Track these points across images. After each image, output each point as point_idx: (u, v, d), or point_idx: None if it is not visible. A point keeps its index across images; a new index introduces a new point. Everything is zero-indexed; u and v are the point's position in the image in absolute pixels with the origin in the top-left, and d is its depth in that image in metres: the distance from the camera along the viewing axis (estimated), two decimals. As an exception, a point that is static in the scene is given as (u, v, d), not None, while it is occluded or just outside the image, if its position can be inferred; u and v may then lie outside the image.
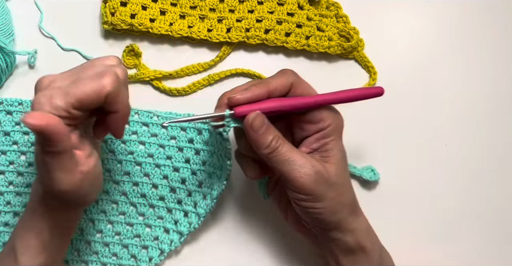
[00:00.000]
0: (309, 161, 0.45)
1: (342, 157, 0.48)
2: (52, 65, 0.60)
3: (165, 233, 0.56)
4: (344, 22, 0.61)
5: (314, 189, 0.45)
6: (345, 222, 0.47)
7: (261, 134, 0.45)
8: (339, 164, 0.47)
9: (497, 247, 0.58)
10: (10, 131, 0.57)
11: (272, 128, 0.46)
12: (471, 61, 0.62)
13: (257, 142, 0.46)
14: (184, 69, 0.60)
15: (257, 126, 0.45)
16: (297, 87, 0.47)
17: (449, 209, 0.58)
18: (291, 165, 0.45)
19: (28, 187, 0.56)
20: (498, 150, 0.60)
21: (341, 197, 0.46)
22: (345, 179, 0.48)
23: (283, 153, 0.45)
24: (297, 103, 0.46)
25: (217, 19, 0.60)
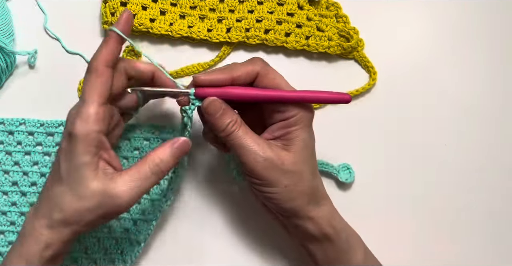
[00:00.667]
0: (261, 148, 0.46)
1: (305, 146, 0.48)
2: (53, 65, 0.60)
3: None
4: (344, 22, 0.61)
5: (264, 174, 0.46)
6: (304, 210, 0.48)
7: (216, 118, 0.46)
8: (300, 153, 0.47)
9: (495, 248, 0.58)
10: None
11: (229, 113, 0.47)
12: (470, 61, 0.62)
13: (213, 125, 0.47)
14: (184, 69, 0.60)
15: (211, 111, 0.46)
16: (263, 78, 0.47)
17: (448, 208, 0.59)
18: (244, 150, 0.46)
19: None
20: (498, 149, 0.60)
21: (298, 185, 0.47)
22: (305, 169, 0.48)
23: (237, 137, 0.46)
24: (258, 96, 0.47)
25: (217, 19, 0.60)
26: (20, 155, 0.57)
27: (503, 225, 0.59)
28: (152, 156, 0.46)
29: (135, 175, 0.45)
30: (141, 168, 0.45)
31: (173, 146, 0.47)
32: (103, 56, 0.45)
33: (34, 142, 0.57)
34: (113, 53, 0.46)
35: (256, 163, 0.46)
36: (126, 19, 0.47)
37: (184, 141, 0.47)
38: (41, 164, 0.57)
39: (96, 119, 0.44)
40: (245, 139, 0.46)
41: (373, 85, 0.60)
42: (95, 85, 0.45)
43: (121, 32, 0.46)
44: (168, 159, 0.46)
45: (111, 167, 0.46)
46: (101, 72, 0.45)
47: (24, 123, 0.58)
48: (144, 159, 0.46)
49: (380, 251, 0.51)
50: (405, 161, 0.59)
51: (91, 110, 0.44)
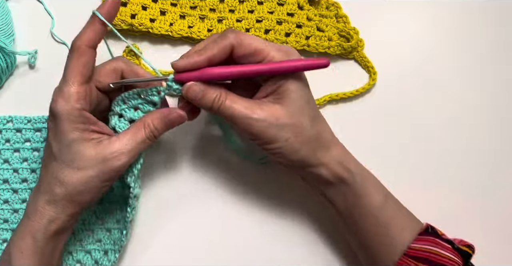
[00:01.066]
0: (251, 110, 0.47)
1: (297, 96, 0.48)
2: (53, 65, 0.60)
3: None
4: (344, 22, 0.61)
5: (261, 134, 0.47)
6: (313, 158, 0.49)
7: (199, 100, 0.47)
8: (293, 104, 0.48)
9: (495, 247, 0.58)
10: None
11: (211, 91, 0.47)
12: (471, 61, 0.62)
13: (200, 106, 0.48)
14: (184, 69, 0.60)
15: (191, 96, 0.47)
16: (240, 47, 0.47)
17: (448, 208, 0.59)
18: (235, 118, 0.47)
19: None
20: (498, 149, 0.60)
21: (299, 136, 0.48)
22: (302, 118, 0.48)
23: (226, 109, 0.47)
24: (238, 72, 0.47)
25: (217, 19, 0.60)
26: (9, 152, 0.57)
27: (504, 225, 0.59)
28: (147, 122, 0.48)
29: (132, 138, 0.47)
30: (138, 133, 0.48)
31: (168, 117, 0.48)
32: (86, 36, 0.46)
33: (22, 138, 0.58)
34: (96, 34, 0.47)
35: (250, 127, 0.47)
36: (111, 3, 0.47)
37: (180, 115, 0.48)
38: (30, 160, 0.57)
39: (77, 98, 0.46)
40: (233, 108, 0.47)
41: (373, 85, 0.60)
42: (76, 65, 0.46)
43: (106, 15, 0.47)
44: (161, 127, 0.48)
45: (104, 135, 0.48)
46: (83, 52, 0.46)
47: (11, 120, 0.58)
48: (140, 123, 0.48)
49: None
50: (405, 161, 0.59)
51: (72, 89, 0.46)
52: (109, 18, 0.47)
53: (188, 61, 0.47)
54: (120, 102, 0.50)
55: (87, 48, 0.46)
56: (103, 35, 0.48)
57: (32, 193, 0.49)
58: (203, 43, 0.49)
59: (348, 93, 0.59)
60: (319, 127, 0.50)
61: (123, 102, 0.50)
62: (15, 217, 0.56)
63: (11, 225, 0.56)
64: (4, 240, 0.56)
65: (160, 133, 0.48)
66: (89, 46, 0.46)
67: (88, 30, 0.47)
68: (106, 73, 0.50)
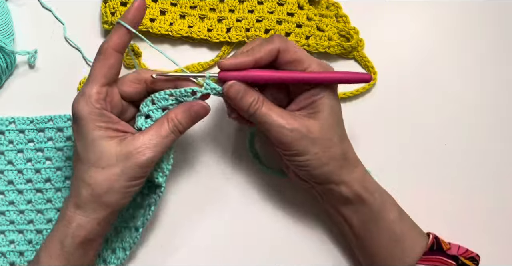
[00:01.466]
0: (287, 120, 0.48)
1: (331, 112, 0.49)
2: (53, 65, 0.60)
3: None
4: (344, 22, 0.61)
5: (293, 145, 0.48)
6: (336, 175, 0.49)
7: (238, 99, 0.48)
8: (326, 119, 0.49)
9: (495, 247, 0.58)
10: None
11: (250, 93, 0.48)
12: (470, 61, 0.62)
13: (237, 106, 0.49)
14: (184, 69, 0.60)
15: (232, 94, 0.48)
16: (285, 53, 0.48)
17: (448, 208, 0.59)
18: (270, 126, 0.48)
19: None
20: (498, 149, 0.60)
21: (327, 152, 0.48)
22: (332, 135, 0.49)
23: (262, 115, 0.48)
24: (280, 77, 0.48)
25: (217, 19, 0.60)
26: (13, 153, 0.57)
27: (504, 225, 0.59)
28: (171, 116, 0.48)
29: (156, 133, 0.47)
30: (162, 127, 0.47)
31: (191, 109, 0.48)
32: (113, 40, 0.47)
33: (25, 139, 0.57)
34: (122, 39, 0.48)
35: (283, 136, 0.48)
36: (136, 8, 0.48)
37: (202, 105, 0.48)
38: (34, 160, 0.57)
39: (97, 98, 0.47)
40: (270, 115, 0.48)
41: (373, 85, 0.60)
42: (101, 67, 0.47)
43: (131, 21, 0.48)
44: (186, 121, 0.48)
45: (128, 133, 0.48)
46: (109, 55, 0.47)
47: (13, 122, 0.58)
48: (164, 118, 0.48)
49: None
50: (405, 161, 0.59)
51: (93, 90, 0.47)
52: (134, 24, 0.48)
53: (236, 61, 0.48)
54: (149, 102, 0.50)
55: (113, 51, 0.47)
56: (130, 39, 0.48)
57: (65, 198, 0.49)
58: (249, 45, 0.50)
59: (348, 93, 0.59)
60: (345, 145, 0.51)
61: (152, 102, 0.50)
62: (21, 218, 0.56)
63: (17, 226, 0.56)
64: (11, 241, 0.56)
65: (184, 127, 0.48)
66: (115, 50, 0.47)
67: (114, 35, 0.48)
68: (130, 82, 0.50)
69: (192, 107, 0.48)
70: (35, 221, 0.56)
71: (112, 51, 0.47)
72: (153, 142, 0.47)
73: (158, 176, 0.50)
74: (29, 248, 0.56)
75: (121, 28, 0.48)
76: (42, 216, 0.56)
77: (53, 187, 0.57)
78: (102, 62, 0.47)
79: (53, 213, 0.56)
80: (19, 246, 0.56)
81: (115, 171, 0.46)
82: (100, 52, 0.48)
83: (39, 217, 0.56)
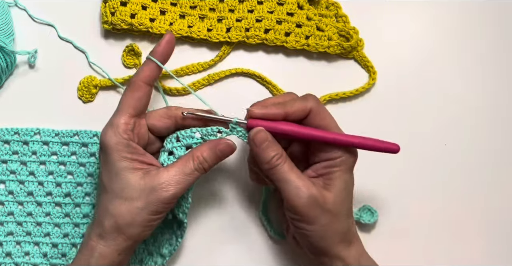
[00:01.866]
0: (306, 185, 0.47)
1: (345, 187, 0.49)
2: (53, 65, 0.60)
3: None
4: (343, 22, 0.61)
5: (305, 211, 0.47)
6: (334, 249, 0.48)
7: (262, 149, 0.47)
8: (340, 193, 0.48)
9: (495, 247, 0.58)
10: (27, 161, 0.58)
11: (275, 146, 0.48)
12: (470, 61, 0.62)
13: (258, 156, 0.48)
14: (184, 69, 0.60)
15: (258, 141, 0.47)
16: (316, 115, 0.49)
17: (448, 208, 0.59)
18: (287, 185, 0.47)
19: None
20: (498, 149, 0.60)
21: (333, 225, 0.48)
22: (342, 209, 0.49)
23: (282, 172, 0.47)
24: (310, 134, 0.48)
25: (217, 19, 0.60)
26: (35, 164, 0.57)
27: (504, 225, 0.59)
28: (197, 154, 0.48)
29: (180, 170, 0.47)
30: (186, 164, 0.47)
31: (217, 147, 0.48)
32: (142, 73, 0.49)
33: (49, 151, 0.57)
34: (151, 72, 0.49)
35: (299, 199, 0.47)
36: (166, 42, 0.49)
37: (228, 144, 0.48)
38: (56, 173, 0.57)
39: (125, 129, 0.47)
40: (290, 174, 0.47)
41: (373, 85, 0.60)
42: (130, 98, 0.48)
43: (161, 55, 0.49)
44: (211, 159, 0.48)
45: (152, 166, 0.48)
46: (138, 87, 0.48)
47: (38, 133, 0.58)
48: (189, 155, 0.48)
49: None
50: (405, 160, 0.59)
51: (122, 120, 0.47)
52: (164, 57, 0.49)
53: (267, 111, 0.48)
54: (174, 139, 0.50)
55: (142, 83, 0.48)
56: (159, 72, 0.50)
57: (87, 227, 0.49)
58: (282, 98, 0.50)
59: (348, 93, 0.59)
60: (351, 221, 0.50)
61: (177, 139, 0.50)
62: (38, 230, 0.56)
63: (33, 238, 0.56)
64: (27, 253, 0.56)
65: (210, 165, 0.48)
66: (144, 82, 0.48)
67: (144, 68, 0.49)
68: (160, 117, 0.51)
69: (219, 145, 0.48)
70: (52, 235, 0.56)
71: (142, 83, 0.48)
72: (176, 178, 0.47)
73: (179, 212, 0.50)
74: (44, 262, 0.56)
75: (152, 62, 0.49)
76: (59, 230, 0.56)
77: (72, 202, 0.57)
78: (131, 93, 0.48)
79: (70, 228, 0.56)
80: (33, 259, 0.56)
81: (138, 204, 0.46)
82: (129, 84, 0.49)
83: (56, 230, 0.56)
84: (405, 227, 0.58)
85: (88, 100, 0.59)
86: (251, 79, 0.60)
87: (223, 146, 0.48)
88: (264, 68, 0.60)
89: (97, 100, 0.59)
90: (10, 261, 0.55)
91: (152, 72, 0.49)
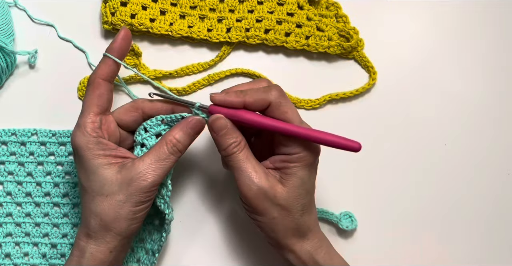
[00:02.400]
0: (259, 176, 0.47)
1: (301, 184, 0.48)
2: (53, 65, 0.60)
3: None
4: (343, 22, 0.61)
5: (255, 202, 0.47)
6: (287, 242, 0.49)
7: (220, 136, 0.48)
8: (294, 189, 0.48)
9: (495, 247, 0.58)
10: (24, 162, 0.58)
11: (234, 134, 0.48)
12: (470, 61, 0.62)
13: (216, 142, 0.48)
14: (184, 69, 0.60)
15: (216, 128, 0.47)
16: (276, 109, 0.48)
17: (448, 208, 0.59)
18: (240, 174, 0.47)
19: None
20: (498, 149, 0.60)
21: (284, 219, 0.48)
22: (295, 205, 0.48)
23: (238, 160, 0.47)
24: (265, 124, 0.47)
25: (217, 19, 0.60)
26: (33, 165, 0.57)
27: (503, 225, 0.59)
28: (168, 137, 0.48)
29: (155, 157, 0.47)
30: (160, 150, 0.47)
31: (187, 126, 0.48)
32: (101, 70, 0.49)
33: (46, 152, 0.57)
34: (109, 68, 0.49)
35: (249, 190, 0.47)
36: (122, 37, 0.49)
37: (198, 119, 0.48)
38: (54, 174, 0.57)
39: (92, 127, 0.48)
40: (245, 163, 0.47)
41: (373, 85, 0.60)
42: (91, 97, 0.49)
43: (117, 51, 0.49)
44: (184, 139, 0.48)
45: (127, 159, 0.48)
46: (97, 84, 0.49)
47: (36, 133, 0.58)
48: (162, 140, 0.48)
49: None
50: (405, 160, 0.59)
51: (87, 119, 0.48)
52: (121, 53, 0.49)
53: (225, 99, 0.48)
54: (142, 131, 0.50)
55: (101, 81, 0.49)
56: (118, 68, 0.50)
57: (79, 227, 0.49)
58: (247, 86, 0.49)
59: (348, 93, 0.59)
60: (306, 217, 0.49)
61: (145, 131, 0.50)
62: (36, 230, 0.56)
63: (32, 238, 0.56)
64: (26, 254, 0.56)
65: (184, 145, 0.48)
66: (103, 79, 0.49)
67: (102, 65, 0.49)
68: (127, 111, 0.51)
69: (188, 124, 0.48)
70: (51, 235, 0.56)
71: (100, 80, 0.49)
72: (152, 166, 0.47)
73: (160, 202, 0.50)
74: (43, 262, 0.56)
75: (108, 58, 0.49)
76: (57, 230, 0.56)
77: (70, 202, 0.57)
78: (92, 92, 0.48)
79: (69, 228, 0.56)
80: (33, 259, 0.56)
81: (120, 198, 0.46)
82: (89, 83, 0.49)
83: (55, 231, 0.56)
84: (406, 226, 0.58)
85: (88, 100, 0.59)
86: (251, 79, 0.60)
87: (193, 123, 0.48)
88: (264, 68, 0.60)
89: (97, 100, 0.59)
90: (9, 262, 0.56)
91: (109, 68, 0.49)
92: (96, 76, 0.49)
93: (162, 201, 0.50)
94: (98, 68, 0.49)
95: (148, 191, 0.47)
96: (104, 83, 0.49)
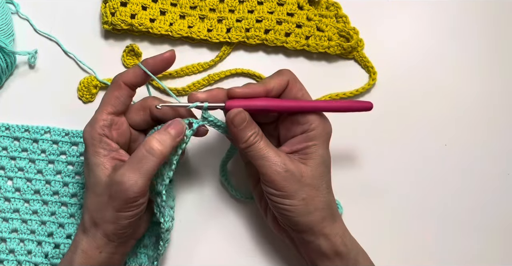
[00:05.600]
0: (282, 160, 0.47)
1: (322, 162, 0.49)
2: (53, 65, 0.60)
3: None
4: (343, 22, 0.61)
5: (284, 185, 0.47)
6: (318, 226, 0.48)
7: (240, 129, 0.47)
8: (317, 168, 0.48)
9: (495, 247, 0.58)
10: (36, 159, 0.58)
11: (252, 125, 0.48)
12: (470, 61, 0.62)
13: (236, 136, 0.48)
14: (184, 69, 0.60)
15: (237, 122, 0.47)
16: (293, 87, 0.49)
17: (447, 209, 0.59)
18: (264, 161, 0.47)
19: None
20: (498, 149, 0.60)
21: (314, 200, 0.48)
22: (321, 183, 0.48)
23: (259, 149, 0.48)
24: (287, 105, 0.48)
25: (217, 19, 0.60)
26: (44, 163, 0.57)
27: (503, 225, 0.59)
28: (148, 139, 0.47)
29: (132, 159, 0.46)
30: (137, 152, 0.46)
31: (166, 128, 0.47)
32: (127, 75, 0.49)
33: (58, 150, 0.57)
34: (136, 78, 0.49)
35: (277, 174, 0.47)
36: (163, 59, 0.49)
37: (176, 120, 0.48)
38: (64, 173, 0.57)
39: (102, 124, 0.48)
40: (267, 150, 0.48)
41: (373, 85, 0.60)
42: (110, 96, 0.49)
43: (151, 68, 0.48)
44: (164, 138, 0.46)
45: (122, 162, 0.48)
46: (118, 86, 0.49)
47: (49, 131, 0.58)
48: (142, 143, 0.47)
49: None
50: (405, 160, 0.59)
51: (99, 116, 0.48)
52: (154, 71, 0.49)
53: (248, 90, 0.48)
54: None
55: (123, 84, 0.49)
56: (145, 80, 0.49)
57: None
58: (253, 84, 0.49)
59: (348, 93, 0.59)
60: (331, 195, 0.50)
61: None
62: (42, 229, 0.56)
63: (37, 236, 0.56)
64: (29, 252, 0.56)
65: (165, 144, 0.46)
66: (126, 84, 0.49)
67: (131, 71, 0.49)
68: (136, 110, 0.51)
69: (168, 126, 0.47)
70: (55, 234, 0.56)
71: (122, 84, 0.48)
72: (130, 169, 0.45)
73: (156, 210, 0.50)
74: (45, 261, 0.55)
75: (140, 68, 0.49)
76: (62, 230, 0.56)
77: (78, 203, 0.57)
78: (111, 91, 0.49)
79: (74, 229, 0.56)
80: (35, 258, 0.56)
81: (104, 200, 0.46)
82: (112, 82, 0.49)
83: (60, 230, 0.56)
84: (405, 227, 0.58)
85: (88, 100, 0.59)
86: (251, 79, 0.60)
87: (175, 124, 0.47)
88: (264, 68, 0.60)
89: (97, 100, 0.59)
90: (13, 258, 0.55)
91: (136, 77, 0.49)
92: (120, 78, 0.49)
93: (157, 209, 0.50)
94: (126, 72, 0.49)
95: (130, 197, 0.45)
96: (125, 87, 0.49)
